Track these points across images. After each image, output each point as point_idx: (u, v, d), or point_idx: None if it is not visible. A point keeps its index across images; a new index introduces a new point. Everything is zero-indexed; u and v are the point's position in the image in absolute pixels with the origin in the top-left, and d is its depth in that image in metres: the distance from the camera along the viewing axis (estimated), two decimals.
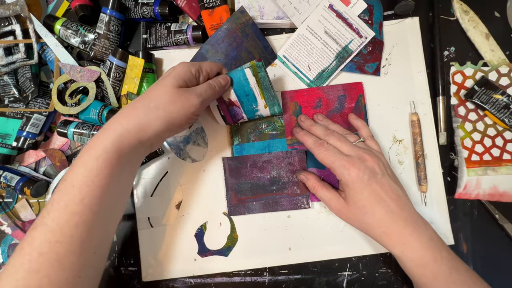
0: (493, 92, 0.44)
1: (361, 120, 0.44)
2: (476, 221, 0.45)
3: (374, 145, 0.42)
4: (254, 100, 0.42)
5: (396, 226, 0.36)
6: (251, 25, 0.45)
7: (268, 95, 0.42)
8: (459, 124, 0.46)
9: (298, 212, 0.46)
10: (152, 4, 0.47)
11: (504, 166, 0.45)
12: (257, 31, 0.46)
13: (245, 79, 0.41)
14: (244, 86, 0.41)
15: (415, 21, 0.47)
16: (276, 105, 0.43)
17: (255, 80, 0.41)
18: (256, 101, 0.42)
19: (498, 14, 0.48)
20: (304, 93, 0.47)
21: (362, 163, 0.37)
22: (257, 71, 0.40)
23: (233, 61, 0.46)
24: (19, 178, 0.46)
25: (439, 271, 0.35)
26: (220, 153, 0.47)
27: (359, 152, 0.38)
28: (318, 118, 0.45)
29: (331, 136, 0.41)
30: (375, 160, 0.38)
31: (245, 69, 0.40)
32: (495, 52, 0.46)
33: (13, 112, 0.46)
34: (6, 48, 0.47)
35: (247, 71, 0.40)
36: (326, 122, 0.45)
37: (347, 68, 0.47)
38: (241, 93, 0.42)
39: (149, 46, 0.49)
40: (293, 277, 0.46)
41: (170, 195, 0.47)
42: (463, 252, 0.45)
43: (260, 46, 0.46)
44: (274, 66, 0.48)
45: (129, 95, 0.46)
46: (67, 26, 0.47)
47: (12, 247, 0.48)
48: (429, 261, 0.35)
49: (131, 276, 0.47)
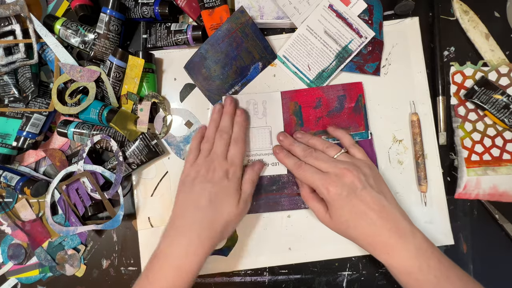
0: (493, 92, 0.44)
1: (340, 130, 0.44)
2: (476, 221, 0.45)
3: (357, 153, 0.42)
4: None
5: (380, 237, 0.36)
6: (251, 25, 0.45)
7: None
8: (459, 124, 0.46)
9: (298, 212, 0.46)
10: (152, 4, 0.47)
11: (504, 166, 0.45)
12: (257, 31, 0.46)
13: None
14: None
15: (415, 21, 0.47)
16: None
17: None
18: None
19: (498, 14, 0.48)
20: (304, 93, 0.47)
21: (339, 180, 0.38)
22: None
23: (233, 61, 0.46)
24: (19, 178, 0.46)
25: (424, 280, 0.35)
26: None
27: (337, 168, 0.38)
28: (297, 136, 0.45)
29: (308, 156, 0.41)
30: (353, 174, 0.38)
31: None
32: (495, 52, 0.46)
33: (13, 112, 0.46)
34: (6, 48, 0.47)
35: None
36: (305, 138, 0.44)
37: (347, 68, 0.47)
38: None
39: (149, 46, 0.49)
40: (293, 277, 0.46)
41: (170, 195, 0.47)
42: (463, 252, 0.45)
43: (260, 46, 0.46)
44: (274, 66, 0.48)
45: (129, 95, 0.46)
46: (67, 26, 0.47)
47: (12, 247, 0.48)
48: (413, 270, 0.35)
49: (131, 276, 0.47)
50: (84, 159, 0.45)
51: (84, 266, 0.47)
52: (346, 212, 0.37)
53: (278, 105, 0.47)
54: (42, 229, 0.48)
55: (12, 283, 0.48)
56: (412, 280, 0.36)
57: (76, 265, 0.47)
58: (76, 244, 0.48)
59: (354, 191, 0.37)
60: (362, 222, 0.37)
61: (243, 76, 0.47)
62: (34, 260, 0.48)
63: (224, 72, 0.46)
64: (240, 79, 0.47)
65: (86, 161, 0.45)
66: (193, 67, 0.46)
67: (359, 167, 0.39)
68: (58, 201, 0.47)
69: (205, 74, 0.46)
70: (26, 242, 0.48)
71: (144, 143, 0.45)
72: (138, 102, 0.46)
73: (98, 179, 0.45)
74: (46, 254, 0.47)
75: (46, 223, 0.48)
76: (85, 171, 0.45)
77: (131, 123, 0.46)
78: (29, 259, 0.48)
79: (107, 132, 0.46)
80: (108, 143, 0.45)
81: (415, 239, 0.36)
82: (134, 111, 0.46)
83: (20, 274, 0.48)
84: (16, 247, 0.48)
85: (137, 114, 0.46)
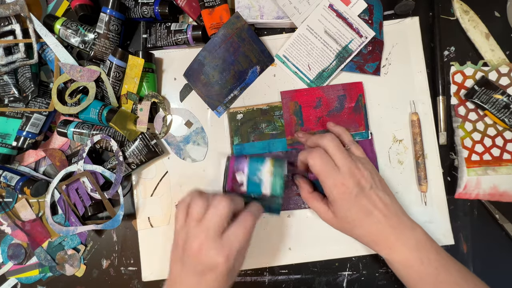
0: (493, 92, 0.44)
1: (339, 127, 0.44)
2: (476, 221, 0.45)
3: (357, 151, 0.41)
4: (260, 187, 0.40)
5: (383, 234, 0.37)
6: (247, 29, 0.45)
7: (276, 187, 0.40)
8: (459, 124, 0.46)
9: (298, 212, 0.46)
10: (152, 4, 0.47)
11: (504, 166, 0.45)
12: (253, 35, 0.46)
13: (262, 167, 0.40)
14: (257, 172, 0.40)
15: (415, 21, 0.47)
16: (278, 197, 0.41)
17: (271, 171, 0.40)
18: (261, 188, 0.40)
19: (498, 14, 0.48)
20: (304, 92, 0.47)
21: (352, 179, 0.37)
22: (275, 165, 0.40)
23: (231, 66, 0.46)
24: (19, 177, 0.46)
25: (425, 272, 0.36)
26: (220, 153, 0.47)
27: (351, 164, 0.38)
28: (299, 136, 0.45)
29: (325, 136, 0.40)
30: (363, 172, 0.38)
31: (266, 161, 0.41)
32: (495, 52, 0.46)
33: (13, 112, 0.46)
34: (6, 47, 0.47)
35: (267, 162, 0.41)
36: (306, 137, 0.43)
37: (347, 68, 0.47)
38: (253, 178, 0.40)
39: (149, 45, 0.49)
40: (293, 277, 0.46)
41: (170, 195, 0.47)
42: (463, 252, 0.45)
43: (257, 50, 0.46)
44: (274, 66, 0.48)
45: (129, 95, 0.46)
46: (67, 25, 0.47)
47: (12, 247, 0.48)
48: (414, 263, 0.36)
49: (131, 276, 0.47)
50: (84, 159, 0.45)
51: (84, 266, 0.47)
52: (353, 213, 0.37)
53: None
54: (42, 229, 0.48)
55: (12, 283, 0.48)
56: (413, 272, 0.37)
57: (76, 265, 0.47)
58: (76, 244, 0.48)
59: (363, 191, 0.37)
60: (369, 221, 0.37)
61: (241, 81, 0.47)
62: (34, 260, 0.48)
63: (223, 77, 0.46)
64: (239, 83, 0.47)
65: (86, 161, 0.45)
66: (192, 74, 0.46)
67: (364, 165, 0.39)
68: (58, 201, 0.47)
69: (204, 81, 0.46)
70: (26, 242, 0.48)
71: (143, 143, 0.45)
72: (138, 102, 0.46)
73: (98, 179, 0.45)
74: (46, 254, 0.47)
75: (46, 223, 0.48)
76: (85, 171, 0.45)
77: (130, 123, 0.46)
78: (29, 259, 0.48)
79: (107, 132, 0.46)
80: (108, 143, 0.45)
81: (415, 233, 0.38)
82: (134, 111, 0.46)
83: (20, 274, 0.48)
84: (16, 247, 0.48)
85: (137, 114, 0.46)
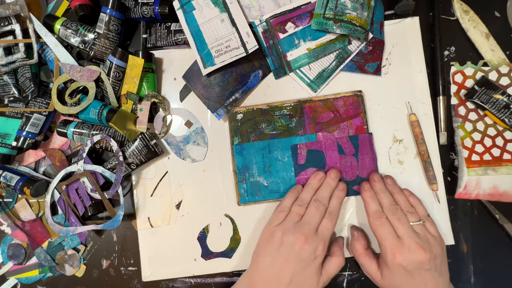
0: (493, 92, 0.44)
1: (416, 197, 0.43)
2: (476, 221, 0.45)
3: (431, 227, 0.41)
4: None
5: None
6: None
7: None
8: (459, 124, 0.46)
9: None
10: (152, 4, 0.47)
11: (504, 166, 0.45)
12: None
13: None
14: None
15: (415, 21, 0.47)
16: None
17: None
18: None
19: (498, 14, 0.48)
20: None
21: (411, 254, 0.37)
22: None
23: (233, 68, 0.46)
24: (19, 178, 0.46)
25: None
26: (220, 153, 0.47)
27: (414, 241, 0.38)
28: (388, 182, 0.44)
29: (392, 213, 0.40)
30: (426, 254, 0.37)
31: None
32: (495, 52, 0.46)
33: (12, 112, 0.46)
34: (6, 47, 0.47)
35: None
36: (394, 188, 0.43)
37: (347, 67, 0.47)
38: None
39: (149, 45, 0.49)
40: None
41: (170, 195, 0.47)
42: (463, 252, 0.45)
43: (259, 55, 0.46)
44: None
45: (129, 95, 0.45)
46: (67, 25, 0.47)
47: (12, 247, 0.48)
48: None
49: (131, 276, 0.47)
50: (84, 159, 0.45)
51: (84, 266, 0.47)
52: (402, 283, 0.38)
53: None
54: (42, 229, 0.48)
55: (12, 283, 0.48)
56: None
57: (76, 265, 0.47)
58: (76, 244, 0.48)
59: (419, 269, 0.37)
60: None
61: (243, 84, 0.47)
62: (34, 260, 0.48)
63: (225, 79, 0.46)
64: (241, 86, 0.47)
65: (86, 161, 0.45)
66: (192, 76, 0.46)
67: (432, 246, 0.39)
68: (58, 201, 0.47)
69: (205, 82, 0.46)
70: (26, 242, 0.48)
71: (143, 143, 0.45)
72: (137, 102, 0.46)
73: (98, 179, 0.45)
74: (46, 254, 0.47)
75: (46, 223, 0.48)
76: (85, 171, 0.45)
77: (130, 123, 0.46)
78: (29, 259, 0.48)
79: (107, 132, 0.46)
80: (108, 143, 0.45)
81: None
82: (133, 111, 0.46)
83: (20, 274, 0.48)
84: (16, 247, 0.48)
85: (136, 114, 0.46)
